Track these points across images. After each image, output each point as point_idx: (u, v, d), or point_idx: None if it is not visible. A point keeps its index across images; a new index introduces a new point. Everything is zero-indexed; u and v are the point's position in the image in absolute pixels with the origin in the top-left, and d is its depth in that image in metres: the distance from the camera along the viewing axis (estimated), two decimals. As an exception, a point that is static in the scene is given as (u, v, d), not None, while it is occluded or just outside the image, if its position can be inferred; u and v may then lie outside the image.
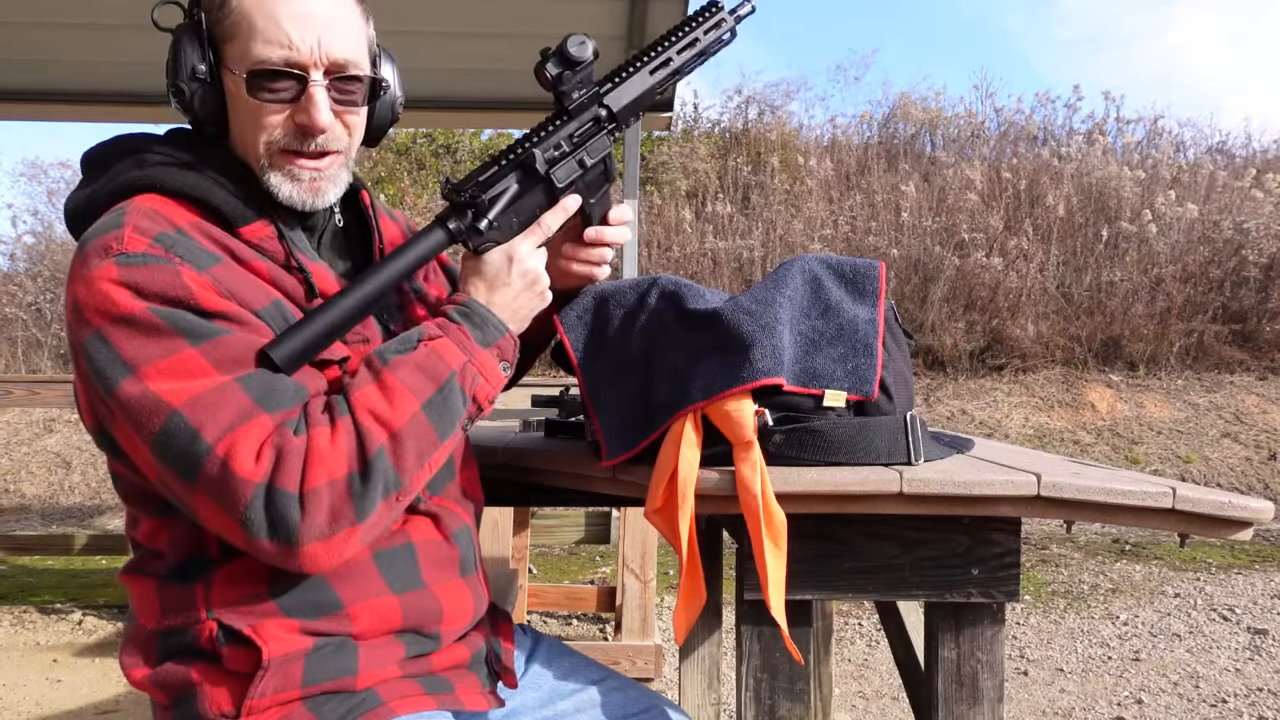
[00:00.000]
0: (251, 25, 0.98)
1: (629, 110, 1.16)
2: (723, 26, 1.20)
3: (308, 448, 0.89)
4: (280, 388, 0.92)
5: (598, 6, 3.86)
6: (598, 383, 1.16)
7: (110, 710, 3.03)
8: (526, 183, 1.10)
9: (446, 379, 0.97)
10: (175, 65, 1.00)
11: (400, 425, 0.93)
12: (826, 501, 1.03)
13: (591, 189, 1.15)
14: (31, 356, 8.55)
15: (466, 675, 1.11)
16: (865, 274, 1.13)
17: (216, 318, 0.92)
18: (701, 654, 2.14)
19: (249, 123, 1.02)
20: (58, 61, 4.26)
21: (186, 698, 0.99)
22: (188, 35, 1.01)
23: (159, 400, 0.88)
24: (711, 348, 1.07)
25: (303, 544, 0.89)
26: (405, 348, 0.98)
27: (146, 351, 0.89)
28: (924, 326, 7.93)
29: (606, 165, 1.16)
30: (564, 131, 1.12)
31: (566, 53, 1.11)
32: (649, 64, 1.16)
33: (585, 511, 4.14)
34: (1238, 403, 7.35)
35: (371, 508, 0.91)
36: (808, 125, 10.59)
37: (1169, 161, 9.12)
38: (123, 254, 0.91)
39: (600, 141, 1.14)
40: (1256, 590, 4.36)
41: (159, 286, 0.90)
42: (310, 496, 0.88)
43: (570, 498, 1.45)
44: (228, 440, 0.87)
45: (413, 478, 0.95)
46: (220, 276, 0.94)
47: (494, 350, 1.03)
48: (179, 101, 1.01)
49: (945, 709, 1.10)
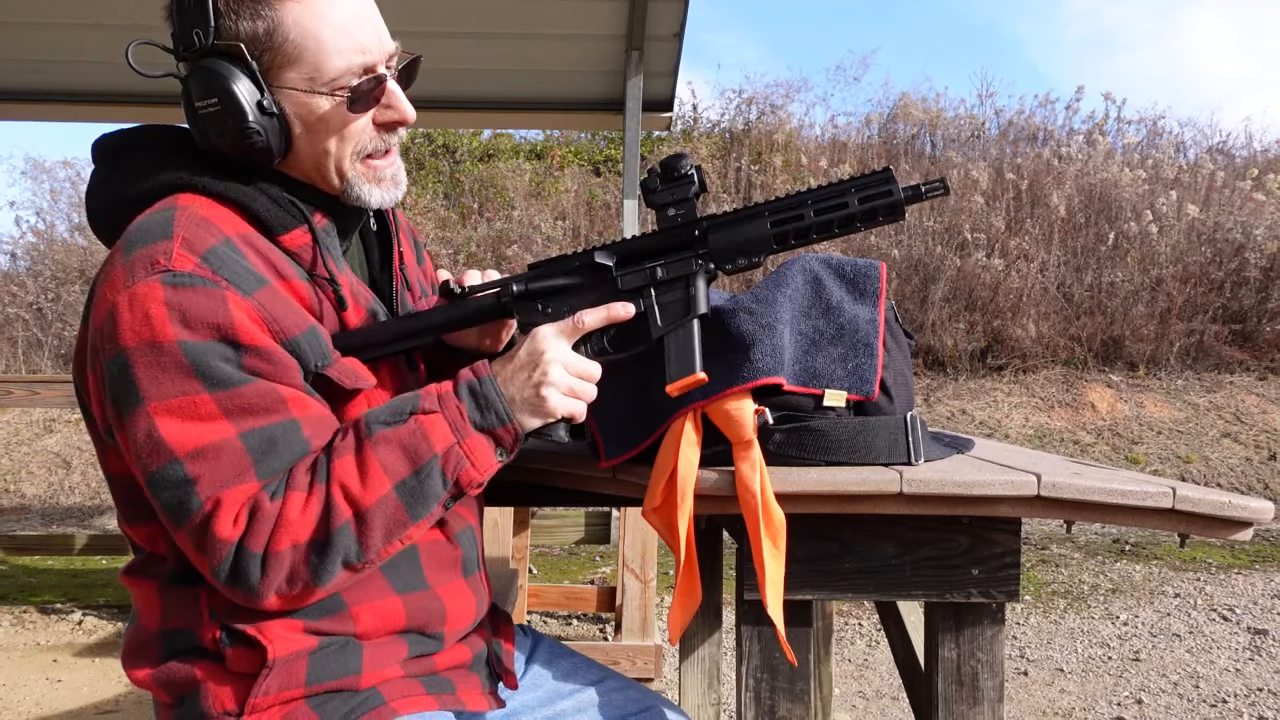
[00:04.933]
0: (317, 43, 0.96)
1: (731, 251, 1.02)
2: (886, 197, 0.99)
3: (280, 514, 0.91)
4: (280, 446, 0.93)
5: (598, 6, 3.86)
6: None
7: (110, 710, 3.03)
8: (588, 277, 1.05)
9: (427, 462, 0.94)
10: (231, 106, 0.95)
11: (368, 505, 0.92)
12: (826, 501, 1.03)
13: (665, 314, 1.04)
14: (32, 356, 8.55)
15: (468, 676, 1.11)
16: (866, 274, 1.13)
17: (248, 353, 0.92)
18: (701, 654, 2.14)
19: (332, 139, 1.00)
20: (58, 61, 4.27)
21: (189, 696, 0.99)
22: (234, 71, 0.95)
23: (163, 443, 0.90)
24: (712, 347, 1.06)
25: (263, 597, 0.93)
26: (395, 419, 0.95)
27: (162, 389, 0.89)
28: (924, 326, 7.93)
29: (689, 293, 1.03)
30: (647, 242, 1.05)
31: (666, 165, 1.04)
32: (774, 211, 1.02)
33: (585, 511, 4.14)
34: (1238, 403, 7.34)
35: (329, 576, 0.93)
36: (808, 125, 10.59)
37: (1170, 162, 9.12)
38: (169, 272, 0.90)
39: (684, 263, 1.03)
40: (1257, 590, 4.35)
41: (201, 312, 0.90)
42: (272, 559, 0.91)
43: (570, 498, 1.45)
44: (213, 500, 0.90)
45: (379, 552, 0.95)
46: (264, 302, 0.94)
47: (488, 435, 0.97)
48: (245, 143, 0.96)
49: (945, 709, 1.10)
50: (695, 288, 1.03)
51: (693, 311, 1.03)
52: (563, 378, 0.98)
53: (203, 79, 0.96)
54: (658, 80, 4.43)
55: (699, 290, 1.03)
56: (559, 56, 4.23)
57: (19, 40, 4.07)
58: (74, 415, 7.60)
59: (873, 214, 1.00)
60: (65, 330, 8.57)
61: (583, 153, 10.24)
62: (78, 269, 9.09)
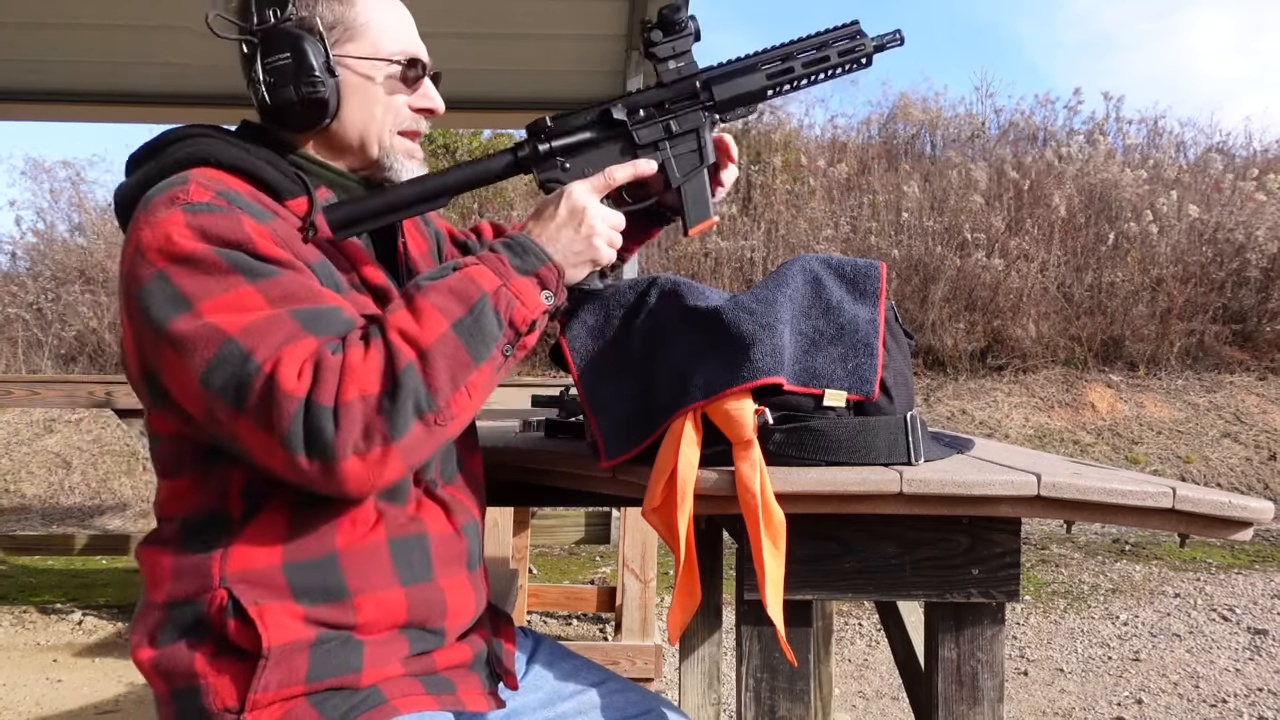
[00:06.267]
0: (381, 25, 1.12)
1: (733, 102, 1.12)
2: (858, 51, 1.11)
3: (343, 364, 0.92)
4: (328, 317, 0.97)
5: (598, 6, 3.86)
6: (596, 384, 1.15)
7: (110, 710, 3.03)
8: (604, 132, 1.11)
9: (477, 300, 0.98)
10: (300, 59, 1.06)
11: (428, 344, 0.94)
12: (826, 501, 1.03)
13: (680, 164, 1.12)
14: (32, 356, 8.55)
15: (468, 675, 1.11)
16: (866, 274, 1.13)
17: (272, 262, 0.97)
18: (701, 654, 2.14)
19: (378, 108, 1.12)
20: (58, 61, 4.27)
21: (188, 691, 0.99)
22: (305, 36, 1.07)
23: (215, 329, 0.93)
24: (712, 346, 1.06)
25: (340, 459, 0.91)
26: (439, 274, 1.01)
27: (206, 287, 0.94)
28: (924, 326, 7.93)
29: (700, 143, 1.11)
30: (654, 95, 1.11)
31: (663, 17, 1.10)
32: (767, 62, 1.12)
33: (585, 511, 4.14)
34: (1238, 403, 7.34)
35: (405, 425, 0.92)
36: (808, 125, 10.58)
37: (1170, 162, 9.11)
38: (188, 203, 0.97)
39: (693, 115, 1.11)
40: (1257, 590, 4.36)
41: (221, 230, 0.96)
42: (344, 410, 0.90)
43: (570, 498, 1.45)
44: (274, 359, 0.92)
45: (448, 399, 0.95)
46: (277, 229, 1.01)
47: (532, 278, 1.02)
48: (309, 93, 1.07)
49: (945, 709, 1.10)
50: (704, 138, 1.12)
51: (704, 161, 1.11)
52: (604, 228, 1.07)
53: (275, 38, 1.07)
54: (658, 80, 4.41)
55: (707, 140, 1.12)
56: (559, 56, 4.23)
57: (19, 40, 4.06)
58: (74, 415, 7.60)
59: (850, 61, 1.11)
60: (65, 330, 8.58)
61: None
62: (77, 269, 9.09)
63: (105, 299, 8.61)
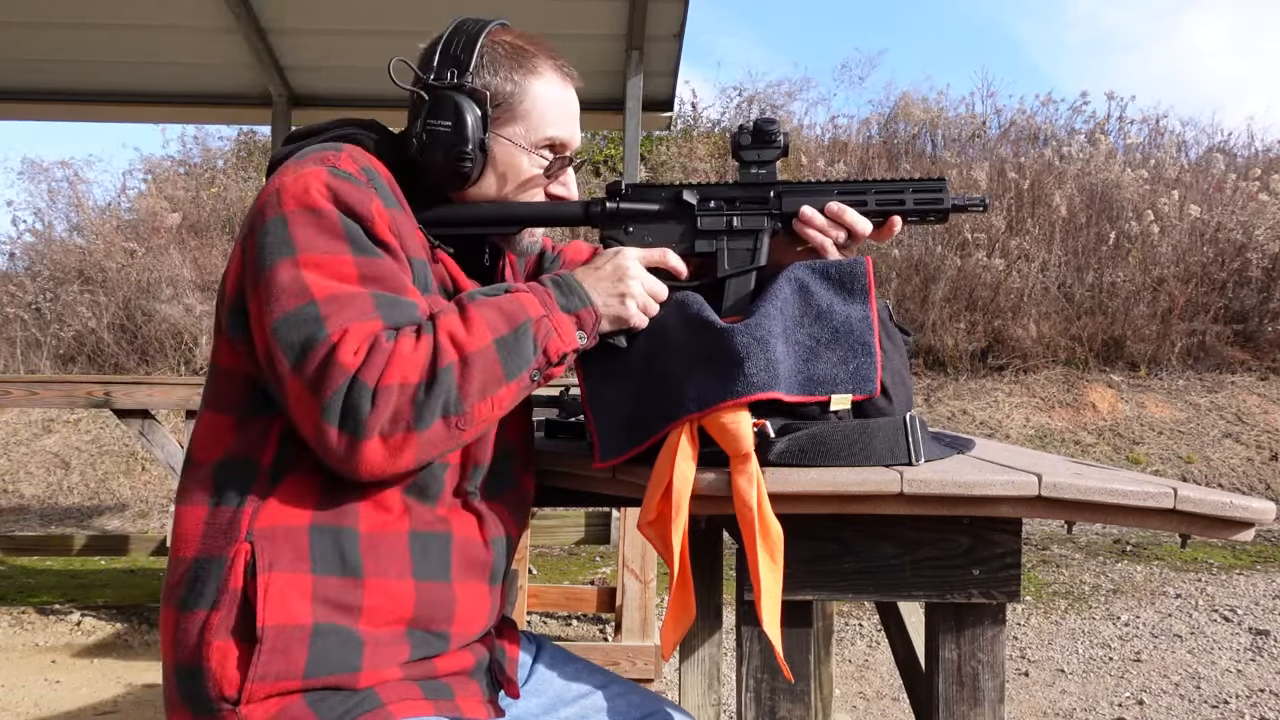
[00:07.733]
0: (544, 113, 1.19)
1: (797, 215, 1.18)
2: (936, 205, 1.17)
3: (394, 349, 0.99)
4: (402, 307, 1.04)
5: (598, 6, 3.86)
6: (599, 381, 1.15)
7: (109, 711, 3.02)
8: (671, 210, 1.19)
9: (522, 323, 1.04)
10: (460, 132, 1.13)
11: (471, 351, 1.01)
12: (826, 502, 1.03)
13: (732, 259, 1.17)
14: (30, 356, 8.54)
15: (468, 683, 1.11)
16: (851, 272, 1.13)
17: (380, 246, 1.05)
18: (701, 654, 2.14)
19: (512, 186, 1.20)
20: (58, 61, 4.27)
21: (192, 670, 1.00)
22: (474, 109, 1.14)
23: (305, 287, 1.00)
24: (706, 357, 1.06)
25: (366, 437, 0.96)
26: (492, 293, 1.08)
27: (315, 242, 1.02)
28: (925, 326, 7.92)
29: (755, 245, 1.17)
30: (728, 191, 1.19)
31: (758, 128, 1.18)
32: (844, 191, 1.18)
33: (585, 511, 4.14)
34: (1239, 403, 7.34)
35: (430, 420, 0.98)
36: (808, 125, 10.58)
37: (1172, 161, 9.11)
38: (335, 167, 1.06)
39: (757, 219, 1.18)
40: (1258, 591, 4.35)
41: (351, 201, 1.04)
42: (382, 393, 0.96)
43: (570, 498, 1.44)
44: (342, 331, 0.98)
45: (474, 405, 1.00)
46: (397, 218, 1.09)
47: (573, 316, 1.09)
48: (457, 164, 1.14)
49: (946, 709, 1.09)
50: (761, 242, 1.18)
51: (755, 262, 1.17)
52: (641, 292, 1.13)
53: (445, 103, 1.14)
54: (658, 80, 4.43)
55: (764, 245, 1.18)
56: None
57: (19, 40, 4.07)
58: (72, 415, 7.61)
59: (923, 213, 1.17)
60: (63, 330, 8.57)
61: (582, 152, 10.24)
62: (76, 269, 9.08)
63: (104, 299, 8.61)
